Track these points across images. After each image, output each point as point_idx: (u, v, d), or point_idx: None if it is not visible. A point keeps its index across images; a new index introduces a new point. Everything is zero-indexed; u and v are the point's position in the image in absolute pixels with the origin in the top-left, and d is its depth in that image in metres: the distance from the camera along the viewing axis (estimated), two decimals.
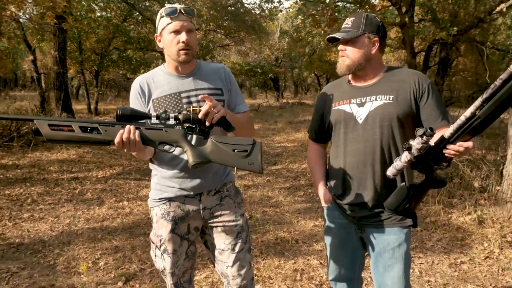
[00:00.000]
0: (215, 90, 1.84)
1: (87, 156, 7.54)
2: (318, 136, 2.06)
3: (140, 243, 3.76)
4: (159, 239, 1.89)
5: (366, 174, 1.83)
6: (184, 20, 1.72)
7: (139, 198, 5.12)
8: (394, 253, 1.86)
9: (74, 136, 1.51)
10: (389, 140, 1.80)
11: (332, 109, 1.92)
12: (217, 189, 1.90)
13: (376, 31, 1.81)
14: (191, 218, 1.89)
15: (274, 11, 12.58)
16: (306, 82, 35.52)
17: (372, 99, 1.82)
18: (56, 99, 10.81)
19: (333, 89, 1.99)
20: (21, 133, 8.28)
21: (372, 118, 1.81)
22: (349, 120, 1.85)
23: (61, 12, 6.56)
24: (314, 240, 3.88)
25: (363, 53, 1.80)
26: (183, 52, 1.74)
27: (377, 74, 1.86)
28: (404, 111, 1.78)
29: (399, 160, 1.61)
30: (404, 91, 1.79)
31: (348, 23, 1.82)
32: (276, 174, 6.55)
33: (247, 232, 1.95)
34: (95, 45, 14.64)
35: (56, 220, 4.32)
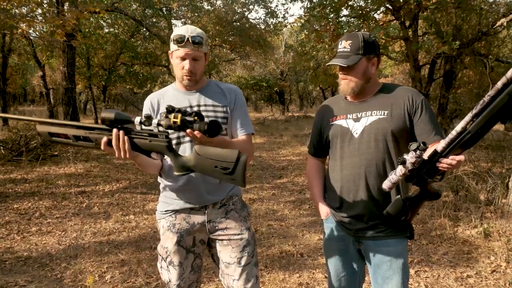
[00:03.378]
0: (220, 107, 1.89)
1: (94, 170, 7.62)
2: (317, 151, 2.11)
3: (146, 256, 3.79)
4: (165, 251, 1.93)
5: (361, 187, 1.87)
6: (191, 49, 1.78)
7: (145, 212, 5.16)
8: (392, 265, 1.89)
9: (70, 143, 1.63)
10: (384, 154, 1.85)
11: (329, 124, 1.97)
12: (223, 202, 1.94)
13: (374, 50, 1.86)
14: (196, 231, 1.92)
15: (279, 26, 12.73)
16: (311, 95, 35.62)
17: (368, 114, 1.87)
18: (64, 114, 10.96)
19: (331, 105, 2.04)
20: (30, 147, 8.40)
21: (367, 133, 1.86)
22: (346, 135, 1.91)
23: (70, 30, 6.72)
24: (319, 253, 3.88)
25: (364, 75, 1.85)
26: (186, 77, 1.84)
27: (373, 91, 1.92)
28: (398, 126, 1.83)
29: (394, 174, 1.64)
30: (398, 107, 1.84)
31: (347, 46, 1.84)
32: (282, 188, 6.57)
33: (254, 246, 1.97)
34: (103, 60, 14.89)
35: (64, 234, 4.36)
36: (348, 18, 6.72)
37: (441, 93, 10.79)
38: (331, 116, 1.98)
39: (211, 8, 15.46)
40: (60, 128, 1.63)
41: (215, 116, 1.87)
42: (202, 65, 1.87)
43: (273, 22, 16.07)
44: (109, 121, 1.57)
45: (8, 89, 17.72)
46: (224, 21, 15.14)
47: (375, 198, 1.86)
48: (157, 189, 6.32)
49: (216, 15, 14.78)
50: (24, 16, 5.90)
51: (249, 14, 20.94)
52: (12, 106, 22.62)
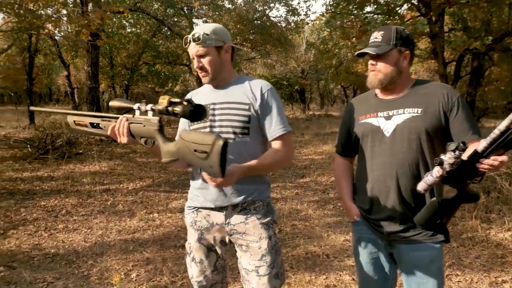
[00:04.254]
0: (242, 104, 1.81)
1: (118, 169, 7.70)
2: (345, 150, 2.04)
3: (171, 255, 3.78)
4: (189, 247, 1.94)
5: (393, 188, 1.79)
6: (193, 47, 1.79)
7: (169, 210, 5.17)
8: (427, 270, 1.81)
9: (87, 131, 1.77)
10: (417, 153, 1.77)
11: (358, 122, 1.90)
12: (244, 206, 1.84)
13: (407, 43, 1.79)
14: (216, 231, 1.88)
15: (301, 24, 12.62)
16: (332, 94, 35.35)
17: (400, 112, 1.79)
18: None
19: (360, 103, 1.97)
20: (56, 145, 8.55)
21: (399, 131, 1.77)
22: (376, 134, 1.83)
23: (95, 30, 6.79)
24: (345, 255, 3.80)
25: (394, 67, 1.78)
26: (202, 75, 1.83)
27: (405, 87, 1.83)
28: (433, 125, 1.75)
29: (430, 175, 1.57)
30: (433, 104, 1.76)
31: (378, 37, 1.79)
32: (305, 187, 6.49)
33: (275, 257, 1.84)
34: (125, 60, 15.08)
35: (89, 231, 4.40)
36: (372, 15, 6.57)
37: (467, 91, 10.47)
38: (360, 114, 1.91)
39: (232, 6, 15.46)
40: (81, 117, 1.78)
41: (237, 114, 1.80)
42: (213, 60, 1.80)
43: (294, 20, 15.97)
44: (116, 109, 1.69)
45: (34, 89, 18.16)
46: (245, 19, 15.13)
47: (408, 200, 1.79)
48: (180, 187, 6.38)
49: (237, 14, 14.77)
50: (50, 17, 5.99)
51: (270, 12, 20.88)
52: (39, 105, 23.17)
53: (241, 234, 1.84)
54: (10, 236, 4.24)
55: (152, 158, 8.88)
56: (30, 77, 14.87)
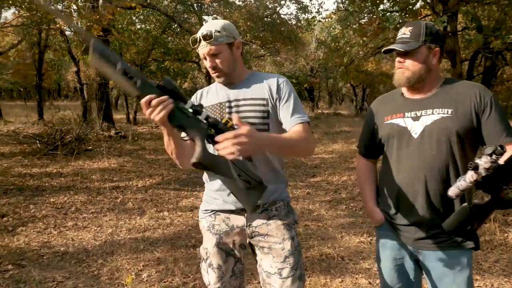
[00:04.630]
0: (259, 100, 1.75)
1: (127, 166, 7.66)
2: (368, 151, 1.95)
3: (182, 255, 3.71)
4: (205, 252, 1.84)
5: (421, 193, 1.70)
6: (204, 46, 1.69)
7: (179, 209, 5.10)
8: (455, 279, 1.71)
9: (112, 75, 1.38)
10: (447, 157, 1.67)
11: (384, 123, 1.81)
12: (265, 206, 1.78)
13: (437, 40, 1.69)
14: (235, 234, 1.80)
15: (312, 22, 12.51)
16: (340, 92, 35.15)
17: (429, 113, 1.69)
18: (97, 109, 11.12)
19: (385, 102, 1.88)
20: (65, 142, 8.54)
21: (428, 133, 1.68)
22: (403, 135, 1.73)
23: (106, 25, 6.74)
24: (360, 257, 3.71)
25: (423, 65, 1.68)
26: (215, 75, 1.75)
27: (434, 86, 1.73)
28: (464, 126, 1.65)
29: (463, 180, 1.47)
30: (464, 104, 1.65)
31: (406, 32, 1.69)
32: (316, 187, 6.39)
33: (298, 258, 1.79)
34: (135, 56, 15.03)
35: (99, 229, 4.35)
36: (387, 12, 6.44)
37: None
38: (386, 114, 1.81)
39: (242, 3, 15.35)
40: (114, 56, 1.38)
41: (254, 111, 1.73)
42: (227, 58, 1.72)
43: (305, 17, 15.83)
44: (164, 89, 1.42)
45: (44, 84, 18.21)
46: (255, 16, 15.02)
47: (436, 205, 1.69)
48: (190, 185, 6.32)
49: (248, 11, 14.66)
50: (62, 11, 5.94)
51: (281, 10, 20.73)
52: (48, 100, 23.27)
53: (263, 236, 1.78)
54: (19, 233, 4.19)
55: (162, 155, 8.83)
56: (39, 72, 14.90)
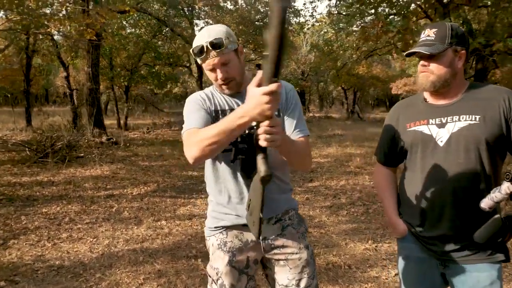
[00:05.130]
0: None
1: (121, 173, 7.47)
2: (388, 159, 1.86)
3: (184, 266, 3.57)
4: (215, 272, 1.70)
5: (449, 204, 1.61)
6: (215, 56, 1.54)
7: (177, 217, 4.95)
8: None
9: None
10: (476, 165, 1.58)
11: (406, 130, 1.71)
12: (279, 217, 1.70)
13: (463, 42, 1.60)
14: (250, 250, 1.69)
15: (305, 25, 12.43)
16: (331, 95, 35.27)
17: (455, 119, 1.60)
18: (88, 115, 10.90)
19: (407, 108, 1.78)
20: (55, 149, 8.32)
21: (455, 141, 1.59)
22: (428, 143, 1.64)
23: (100, 29, 6.57)
24: (367, 265, 3.61)
25: (449, 68, 1.59)
26: (225, 86, 1.61)
27: (459, 91, 1.64)
28: (493, 134, 1.56)
29: (498, 192, 1.39)
30: (493, 110, 1.57)
31: (431, 34, 1.60)
32: (314, 192, 6.29)
33: (314, 267, 1.73)
34: (125, 61, 14.85)
35: (95, 241, 4.18)
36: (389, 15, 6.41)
37: None
38: (408, 121, 1.72)
39: (234, 7, 15.26)
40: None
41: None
42: (237, 65, 1.60)
43: (297, 21, 15.77)
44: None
45: (31, 90, 17.88)
46: (247, 20, 14.94)
47: (465, 216, 1.60)
48: (186, 192, 6.17)
49: (239, 15, 14.58)
50: (54, 15, 5.76)
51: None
52: (36, 106, 22.87)
53: (279, 248, 1.69)
54: (11, 246, 4.01)
55: (155, 162, 8.67)
56: (27, 78, 14.61)
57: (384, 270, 3.49)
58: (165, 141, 11.84)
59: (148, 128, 14.46)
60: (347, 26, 7.82)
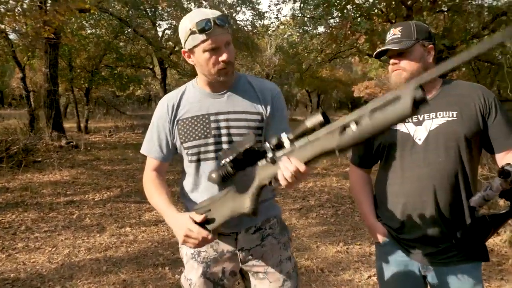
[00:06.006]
0: (254, 114, 1.52)
1: (81, 178, 7.14)
2: (363, 161, 1.81)
3: (150, 276, 3.40)
4: (188, 284, 1.59)
5: (429, 204, 1.57)
6: (221, 33, 1.39)
7: (142, 224, 4.75)
8: None
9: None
10: (455, 163, 1.55)
11: None
12: (258, 226, 1.58)
13: (429, 37, 1.60)
14: (225, 260, 1.58)
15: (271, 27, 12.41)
16: (295, 98, 35.65)
17: (432, 116, 1.57)
18: (46, 118, 10.39)
19: None
20: (10, 153, 7.85)
21: (434, 139, 1.56)
22: (406, 142, 1.60)
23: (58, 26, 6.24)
24: (340, 268, 3.57)
25: (420, 64, 1.57)
26: (224, 71, 1.44)
27: (433, 87, 1.62)
28: (471, 130, 1.54)
29: (489, 189, 1.35)
30: (469, 107, 1.55)
31: (397, 33, 1.59)
32: (283, 195, 6.24)
33: (295, 280, 1.62)
34: (85, 62, 14.30)
35: (54, 250, 3.92)
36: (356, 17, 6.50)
37: None
38: None
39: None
40: None
41: (247, 127, 1.49)
42: (233, 48, 1.49)
43: (261, 23, 15.78)
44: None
45: None
46: None
47: (447, 216, 1.57)
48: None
49: None
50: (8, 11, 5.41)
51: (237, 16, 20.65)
52: None
53: (258, 260, 1.58)
54: None
55: (118, 166, 8.36)
56: None
57: (357, 273, 3.47)
58: (128, 144, 11.48)
59: (110, 131, 13.99)
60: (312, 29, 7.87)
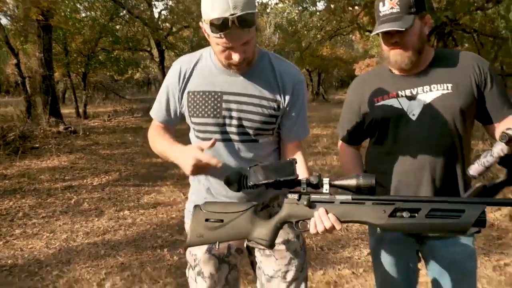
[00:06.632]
0: (269, 101, 1.41)
1: (80, 163, 7.10)
2: (353, 138, 1.73)
3: (149, 258, 3.38)
4: (193, 259, 1.57)
5: (425, 180, 1.52)
6: (239, 35, 1.24)
7: (141, 206, 4.73)
8: (464, 267, 1.58)
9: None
10: (452, 138, 1.50)
11: (375, 105, 1.58)
12: (266, 203, 1.54)
13: (423, 5, 1.48)
14: None
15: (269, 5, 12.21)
16: None
17: (426, 90, 1.50)
18: (43, 104, 10.29)
19: (372, 81, 1.63)
20: (7, 140, 7.80)
21: (428, 113, 1.49)
22: (400, 117, 1.53)
23: (47, 6, 6.09)
24: (339, 246, 3.55)
25: (420, 38, 1.46)
26: (236, 67, 1.35)
27: (427, 59, 1.53)
28: (467, 102, 1.47)
29: (490, 156, 1.27)
30: (464, 78, 1.48)
31: (394, 6, 1.43)
32: None
33: (304, 258, 1.59)
34: (81, 46, 14.10)
35: (52, 236, 3.91)
36: None
37: None
38: (376, 95, 1.58)
39: None
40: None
41: (260, 114, 1.40)
42: (254, 42, 1.36)
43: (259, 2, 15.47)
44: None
45: None
46: None
47: (442, 190, 1.52)
48: (151, 180, 5.93)
49: None
50: None
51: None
52: None
53: None
54: None
55: (117, 150, 8.32)
56: None
57: (356, 250, 3.45)
58: (127, 129, 11.43)
59: (109, 115, 13.90)
60: (310, 5, 7.68)
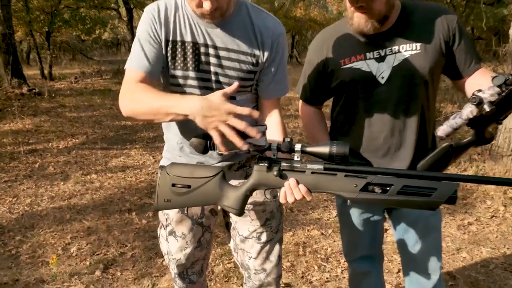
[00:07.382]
0: (247, 55, 1.30)
1: (45, 125, 6.83)
2: (314, 97, 1.63)
3: (116, 222, 3.31)
4: (165, 218, 1.51)
5: (396, 145, 1.49)
6: None
7: (109, 170, 4.61)
8: (428, 222, 1.59)
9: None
10: (421, 100, 1.45)
11: (341, 67, 1.47)
12: (242, 162, 1.49)
13: None
14: None
15: None
16: None
17: (395, 51, 1.41)
18: (4, 64, 9.75)
19: (336, 40, 1.50)
20: None
21: (399, 76, 1.42)
22: (368, 81, 1.45)
23: None
24: (309, 207, 3.58)
25: (388, 3, 1.34)
26: (209, 17, 1.22)
27: (394, 15, 1.41)
28: (436, 62, 1.41)
29: (459, 117, 1.23)
30: (433, 35, 1.40)
31: None
32: None
33: (279, 220, 1.55)
34: (43, 3, 13.29)
35: (15, 201, 3.77)
36: None
37: None
38: (342, 57, 1.47)
39: None
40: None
41: (239, 69, 1.30)
42: None
43: None
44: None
45: None
46: None
47: (413, 155, 1.49)
48: (119, 143, 5.78)
49: None
50: None
51: None
52: None
53: None
54: None
55: (84, 112, 8.04)
56: None
57: (326, 211, 3.48)
58: (95, 91, 11.03)
59: (76, 77, 13.36)
60: None
